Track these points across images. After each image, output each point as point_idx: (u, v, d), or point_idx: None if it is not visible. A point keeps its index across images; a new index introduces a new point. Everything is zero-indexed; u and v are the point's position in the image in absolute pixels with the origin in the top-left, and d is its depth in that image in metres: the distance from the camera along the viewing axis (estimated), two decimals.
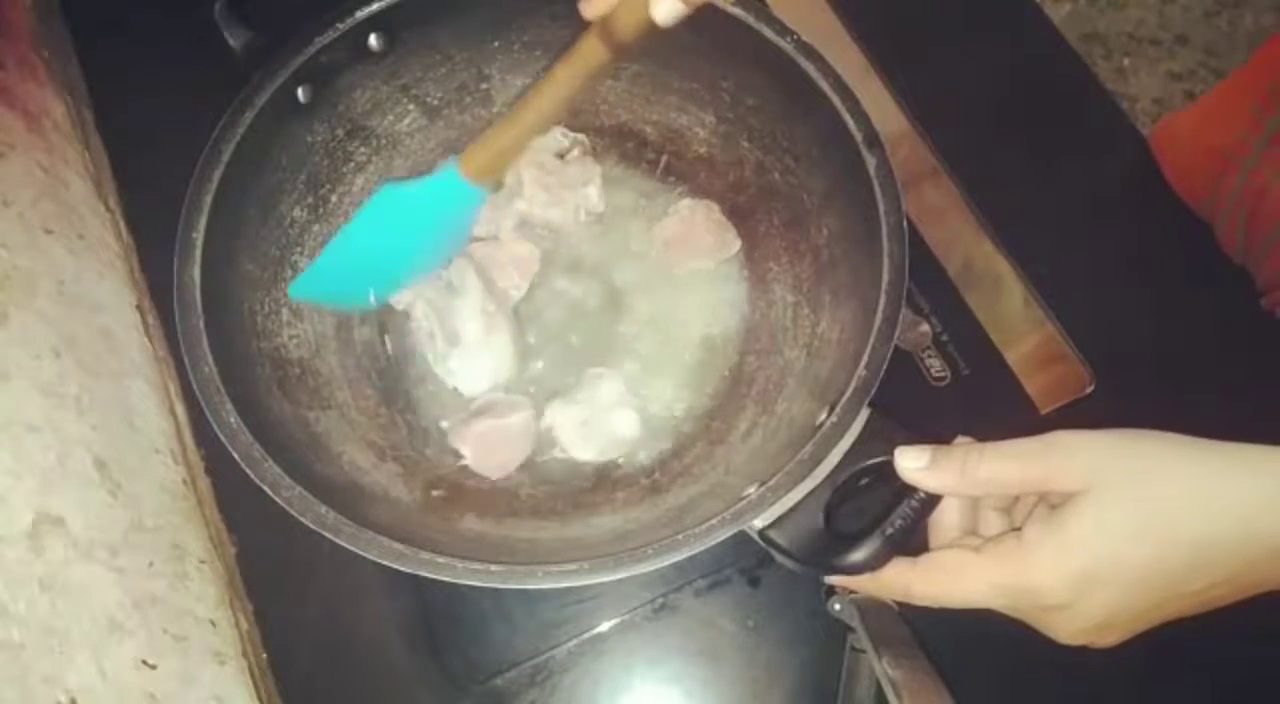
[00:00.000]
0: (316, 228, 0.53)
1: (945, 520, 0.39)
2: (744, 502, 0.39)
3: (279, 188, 0.50)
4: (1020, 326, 0.58)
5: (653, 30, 0.40)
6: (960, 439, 0.37)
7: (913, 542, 0.38)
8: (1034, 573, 0.34)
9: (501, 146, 0.46)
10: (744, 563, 0.53)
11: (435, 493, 0.49)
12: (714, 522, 0.39)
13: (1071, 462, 0.34)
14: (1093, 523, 0.33)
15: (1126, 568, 0.33)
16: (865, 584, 0.39)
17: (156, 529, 0.49)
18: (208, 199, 0.44)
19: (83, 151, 0.60)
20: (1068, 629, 0.35)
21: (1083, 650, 0.36)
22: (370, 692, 0.52)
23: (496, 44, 0.54)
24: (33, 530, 0.41)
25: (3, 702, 0.36)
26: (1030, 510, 0.38)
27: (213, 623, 0.50)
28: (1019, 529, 0.35)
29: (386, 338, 0.55)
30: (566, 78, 0.43)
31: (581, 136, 0.57)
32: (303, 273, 0.50)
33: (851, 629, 0.45)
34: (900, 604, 0.44)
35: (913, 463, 0.37)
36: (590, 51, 0.42)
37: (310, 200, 0.52)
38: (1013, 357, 0.57)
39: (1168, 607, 0.34)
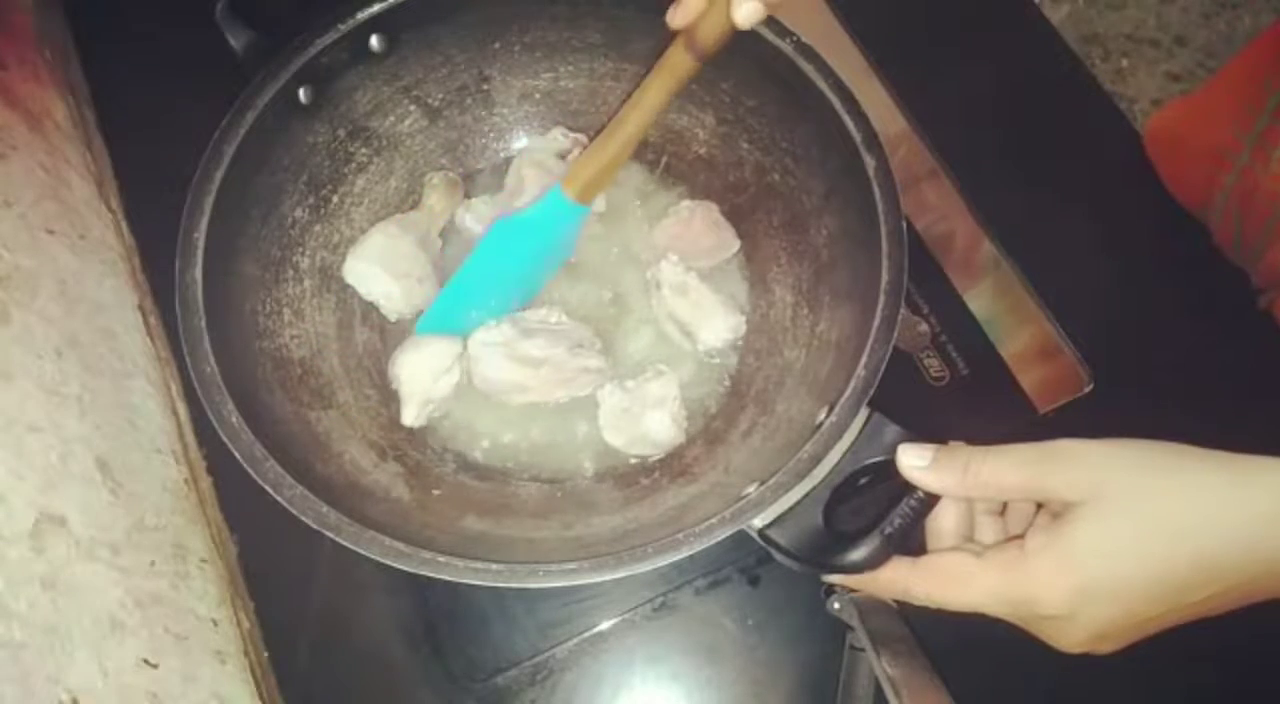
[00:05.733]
0: (318, 228, 0.53)
1: (943, 524, 0.39)
2: (743, 501, 0.39)
3: (280, 188, 0.50)
4: (1018, 326, 0.58)
5: (732, 34, 0.41)
6: (954, 444, 0.37)
7: (911, 541, 0.38)
8: (1034, 584, 0.34)
9: (602, 165, 0.48)
10: (744, 562, 0.53)
11: (436, 492, 0.49)
12: (714, 521, 0.39)
13: (1074, 472, 0.34)
14: (1094, 535, 0.33)
15: (1127, 581, 0.33)
16: (864, 583, 0.39)
17: (158, 528, 0.49)
18: (209, 200, 0.45)
19: (84, 152, 0.60)
20: (1067, 639, 0.35)
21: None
22: (370, 690, 0.52)
23: (497, 45, 0.54)
24: (34, 529, 0.41)
25: (4, 701, 0.36)
26: (1030, 519, 0.38)
27: (214, 622, 0.50)
28: (1019, 537, 0.36)
29: (387, 338, 0.55)
30: (658, 90, 0.44)
31: (582, 137, 0.57)
32: (429, 310, 0.52)
33: (851, 628, 0.45)
34: (900, 603, 0.44)
35: (915, 461, 0.37)
36: (678, 62, 0.43)
37: (311, 201, 0.52)
38: (1011, 356, 0.57)
39: (1167, 617, 0.34)
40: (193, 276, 0.43)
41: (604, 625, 0.52)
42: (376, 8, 0.48)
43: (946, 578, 0.36)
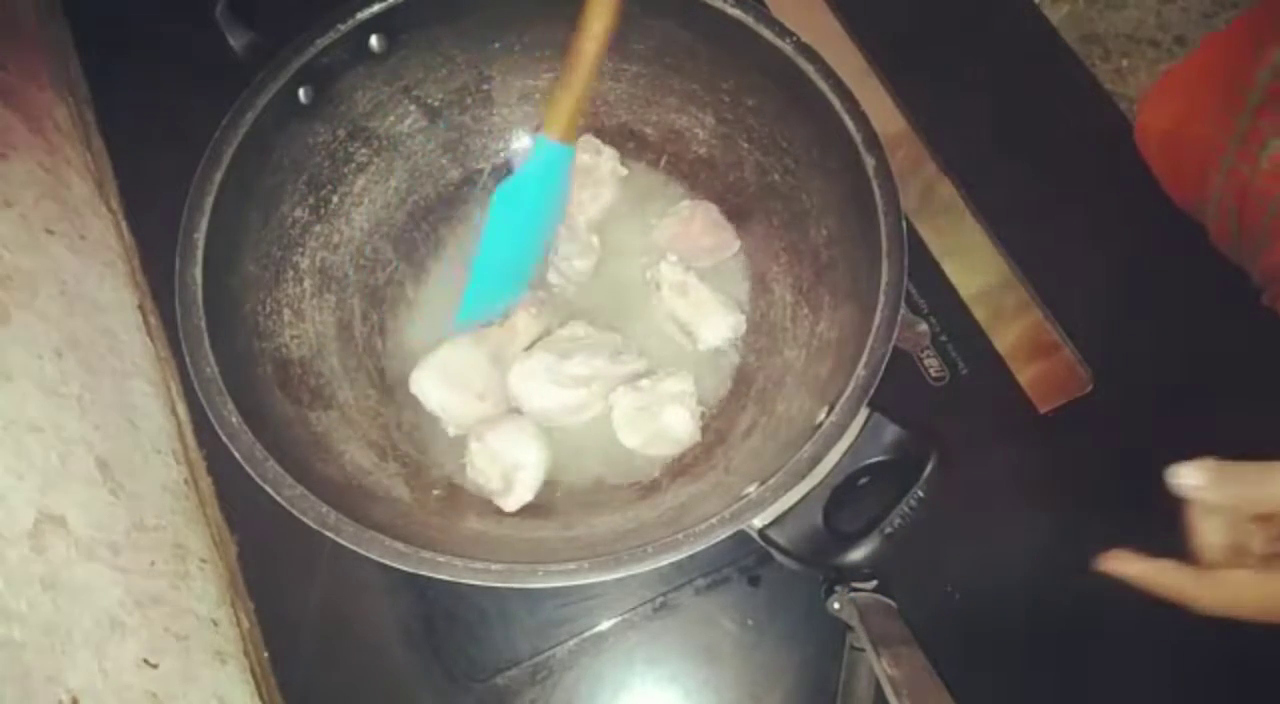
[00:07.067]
0: (318, 228, 0.53)
1: (1212, 535, 0.38)
2: (743, 501, 0.40)
3: (280, 189, 0.50)
4: (1018, 326, 0.58)
5: None
6: (1217, 461, 0.37)
7: (911, 540, 0.38)
8: None
9: (576, 100, 0.47)
10: (744, 562, 0.53)
11: (436, 492, 0.49)
12: (714, 521, 0.39)
13: None
14: None
15: None
16: (1148, 575, 0.38)
17: (158, 528, 0.49)
18: (209, 200, 0.45)
19: (84, 152, 0.60)
20: None
21: (1082, 650, 0.36)
22: (370, 690, 0.52)
23: (497, 45, 0.54)
24: (35, 530, 0.41)
25: (4, 700, 0.36)
26: None
27: (214, 622, 0.50)
28: None
29: (387, 338, 0.55)
30: (605, 11, 0.44)
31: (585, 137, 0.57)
32: (463, 304, 0.51)
33: (851, 628, 0.45)
34: (900, 603, 0.44)
35: (1196, 481, 0.36)
36: None
37: (311, 201, 0.52)
38: (1011, 356, 0.57)
39: None
40: (193, 276, 0.43)
41: (604, 625, 0.52)
42: (376, 8, 0.48)
43: (1230, 592, 0.36)
